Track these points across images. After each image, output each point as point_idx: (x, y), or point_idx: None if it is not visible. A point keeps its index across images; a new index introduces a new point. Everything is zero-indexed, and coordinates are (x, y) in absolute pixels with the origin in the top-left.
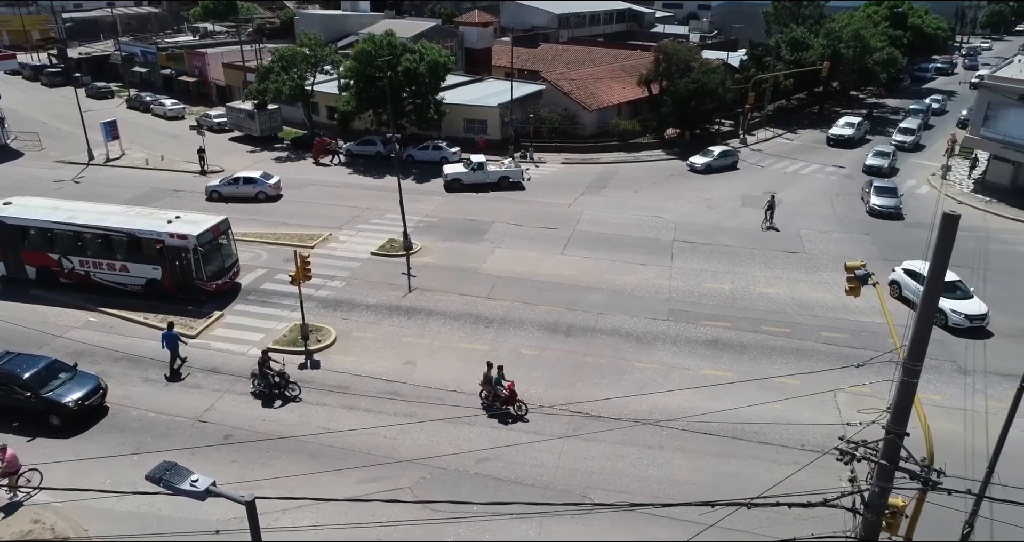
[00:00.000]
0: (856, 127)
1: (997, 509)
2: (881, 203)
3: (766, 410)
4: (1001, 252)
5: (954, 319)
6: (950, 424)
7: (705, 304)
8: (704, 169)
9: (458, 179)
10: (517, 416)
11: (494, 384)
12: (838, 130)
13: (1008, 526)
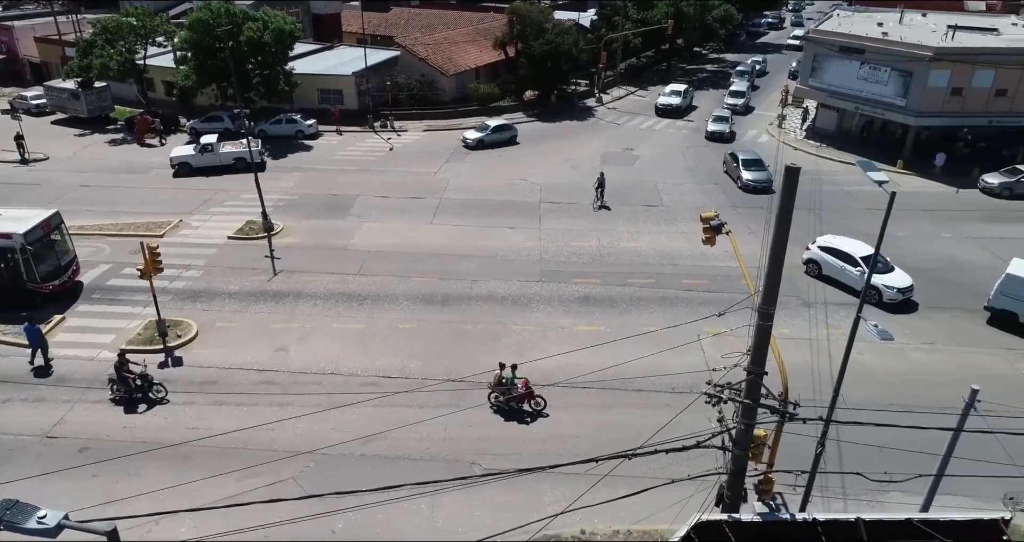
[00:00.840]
0: (683, 95)
1: (844, 430)
2: (753, 178)
3: (638, 360)
4: (833, 192)
5: (888, 294)
6: (798, 353)
7: (574, 262)
8: (475, 145)
9: (186, 163)
10: (536, 412)
11: (508, 383)
12: (665, 99)
13: (852, 445)
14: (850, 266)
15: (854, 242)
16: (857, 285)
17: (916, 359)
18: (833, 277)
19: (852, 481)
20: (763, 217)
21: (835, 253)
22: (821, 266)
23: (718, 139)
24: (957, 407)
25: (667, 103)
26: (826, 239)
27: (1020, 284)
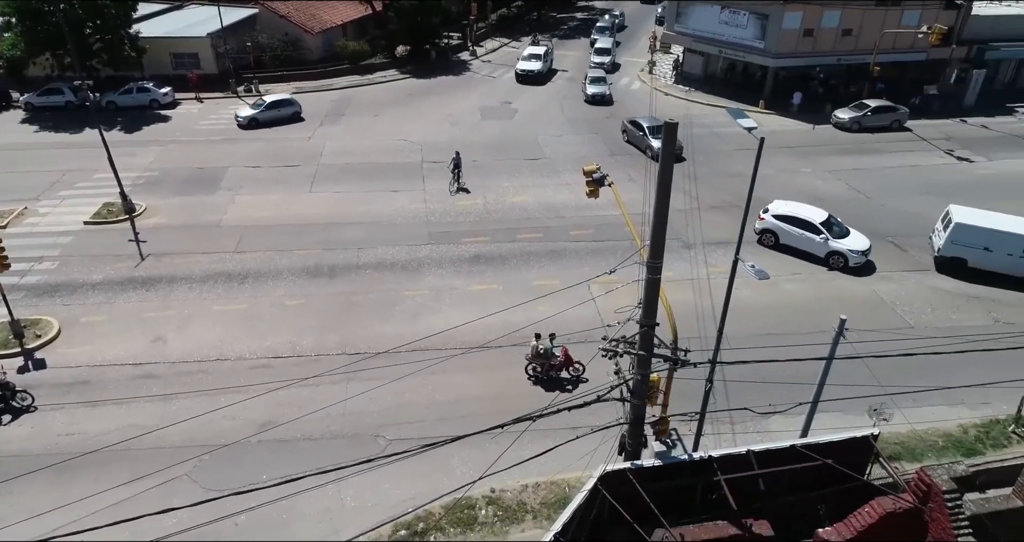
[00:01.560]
0: (543, 59)
1: (729, 370)
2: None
3: (533, 314)
4: (703, 135)
5: (854, 259)
6: (683, 294)
7: (462, 222)
8: (248, 123)
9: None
10: (575, 379)
11: (548, 353)
12: (525, 65)
13: (739, 382)
14: (811, 233)
15: (806, 207)
16: (821, 252)
17: (788, 289)
18: (793, 246)
19: (740, 413)
20: (642, 164)
21: (793, 221)
22: (778, 235)
23: (599, 102)
24: (827, 330)
25: (527, 69)
26: (779, 207)
27: (968, 231)
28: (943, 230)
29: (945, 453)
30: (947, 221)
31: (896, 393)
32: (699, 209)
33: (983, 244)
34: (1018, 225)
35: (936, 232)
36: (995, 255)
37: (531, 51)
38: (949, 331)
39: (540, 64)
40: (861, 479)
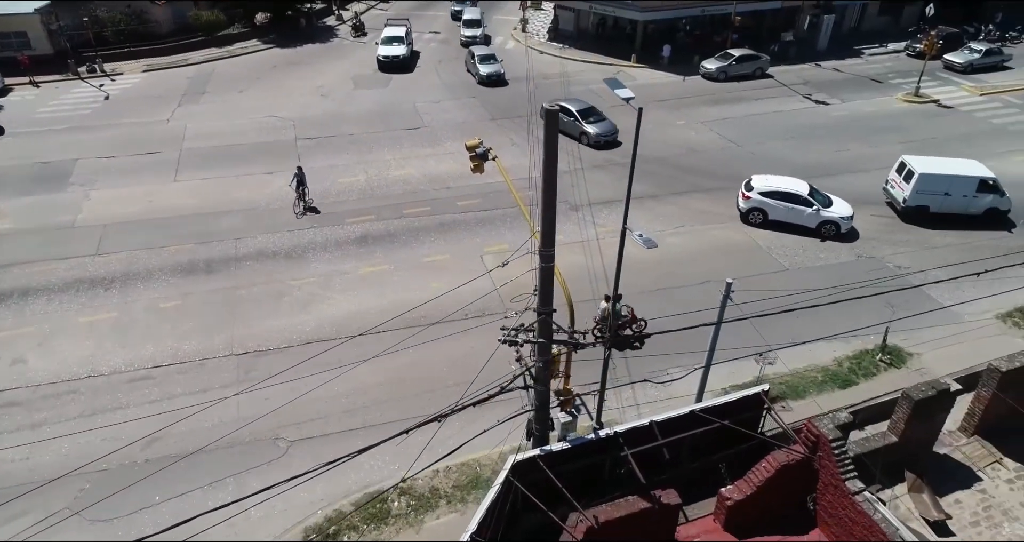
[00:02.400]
0: (405, 41)
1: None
2: (488, 71)
3: (427, 292)
4: (581, 93)
5: (845, 226)
6: (573, 256)
7: (345, 201)
8: None
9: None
10: (638, 335)
11: (619, 315)
12: (387, 50)
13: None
14: (800, 206)
15: (787, 180)
16: (812, 223)
17: (673, 243)
18: (782, 220)
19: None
20: (524, 127)
21: (781, 196)
22: (767, 212)
23: (495, 83)
24: (713, 279)
25: (390, 55)
26: (761, 183)
27: (930, 180)
28: (903, 181)
29: (824, 387)
30: (906, 172)
31: (781, 347)
32: (583, 169)
33: (943, 190)
34: (967, 167)
35: (892, 184)
36: (953, 198)
37: (390, 33)
38: (820, 269)
39: (403, 48)
40: (757, 436)
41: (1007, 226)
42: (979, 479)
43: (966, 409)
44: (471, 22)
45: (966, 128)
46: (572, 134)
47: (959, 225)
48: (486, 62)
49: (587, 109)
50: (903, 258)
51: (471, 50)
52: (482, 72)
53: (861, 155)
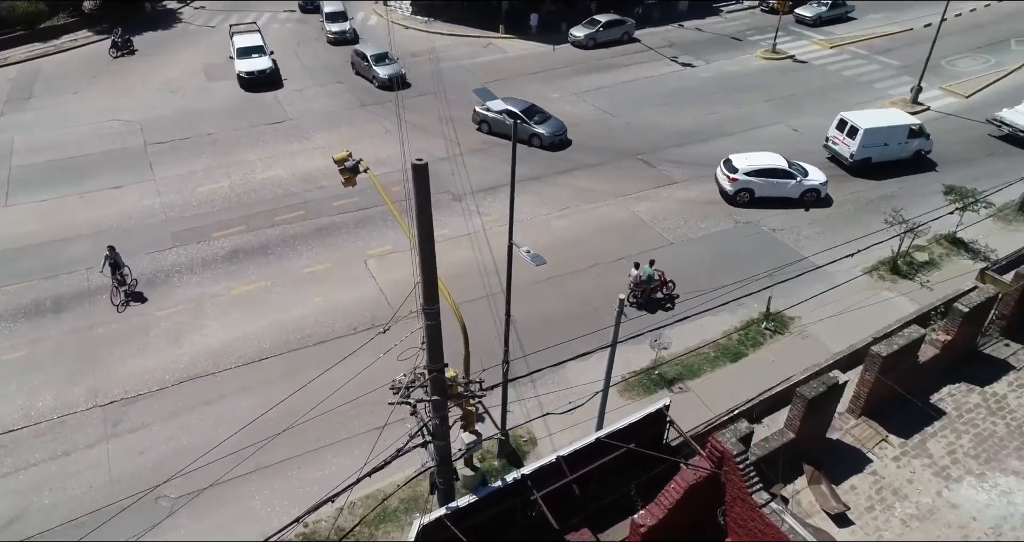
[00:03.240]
0: (264, 51)
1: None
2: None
3: (309, 308)
4: (451, 70)
5: (824, 191)
6: (462, 252)
7: (209, 212)
8: None
9: None
10: (669, 297)
11: (650, 279)
12: (247, 65)
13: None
14: (784, 179)
15: (765, 155)
16: (796, 193)
17: (558, 226)
18: (769, 195)
19: (542, 360)
20: (395, 112)
21: (765, 173)
22: (754, 191)
23: (387, 86)
24: (602, 262)
25: (253, 70)
26: (744, 163)
27: (872, 134)
28: (846, 137)
29: (717, 362)
30: (848, 129)
31: (669, 324)
32: (462, 154)
33: (883, 141)
34: (895, 117)
35: (833, 141)
36: (890, 147)
37: (243, 43)
38: (702, 240)
39: (267, 59)
40: (665, 458)
41: (931, 166)
42: (870, 461)
43: (852, 392)
44: (336, 15)
45: (820, 82)
46: (367, 77)
47: (891, 173)
48: (383, 63)
49: (529, 108)
50: (775, 221)
51: (358, 50)
52: (381, 75)
53: (729, 117)
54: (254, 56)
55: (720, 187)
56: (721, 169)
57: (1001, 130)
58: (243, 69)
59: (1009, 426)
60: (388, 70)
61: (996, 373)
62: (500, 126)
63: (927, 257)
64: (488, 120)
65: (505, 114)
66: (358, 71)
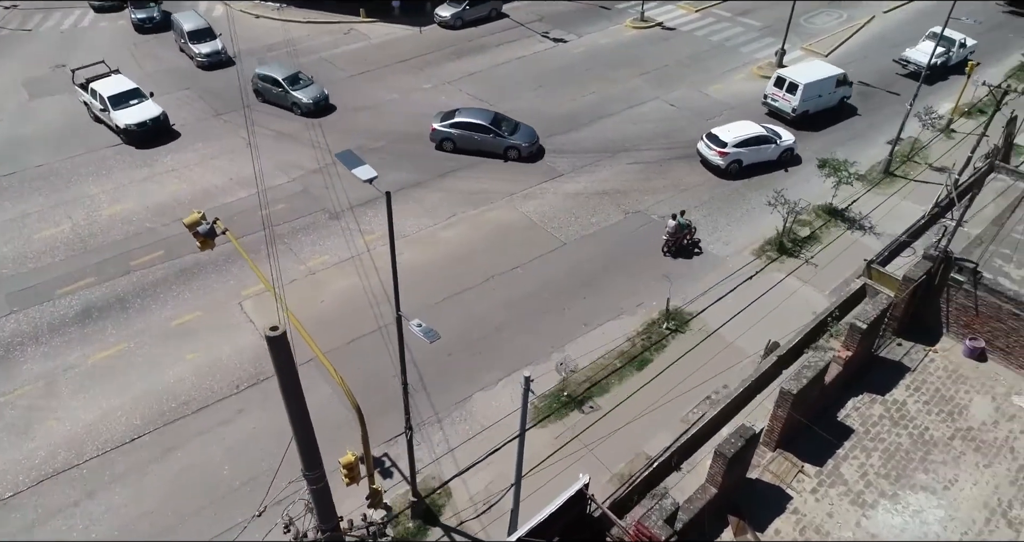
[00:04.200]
0: (143, 93)
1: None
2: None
3: (183, 368)
4: (313, 63)
5: (796, 147)
6: (347, 279)
7: (51, 264)
8: None
9: None
10: (694, 242)
11: (686, 227)
12: (130, 116)
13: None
14: (766, 144)
15: (742, 125)
16: (775, 156)
17: (447, 237)
18: (754, 162)
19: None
20: (260, 120)
21: (752, 142)
22: (742, 160)
23: (217, 64)
24: (498, 272)
25: (142, 120)
26: (730, 135)
27: (811, 87)
28: (786, 93)
29: (625, 373)
30: (787, 85)
31: (574, 338)
32: (335, 163)
33: (818, 93)
34: (823, 69)
35: (772, 97)
36: (823, 98)
37: (115, 89)
38: (594, 236)
39: (152, 103)
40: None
41: (853, 110)
42: (790, 497)
43: (766, 425)
44: (202, 34)
45: (690, 49)
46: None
47: (822, 123)
48: (299, 85)
49: (496, 119)
50: (664, 207)
51: (264, 75)
52: (304, 100)
53: (606, 96)
54: (133, 103)
55: (708, 162)
56: (707, 145)
57: (907, 68)
58: (126, 122)
59: (912, 436)
60: (309, 93)
61: (894, 378)
62: (270, 94)
63: (808, 231)
64: (452, 137)
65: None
66: (267, 98)
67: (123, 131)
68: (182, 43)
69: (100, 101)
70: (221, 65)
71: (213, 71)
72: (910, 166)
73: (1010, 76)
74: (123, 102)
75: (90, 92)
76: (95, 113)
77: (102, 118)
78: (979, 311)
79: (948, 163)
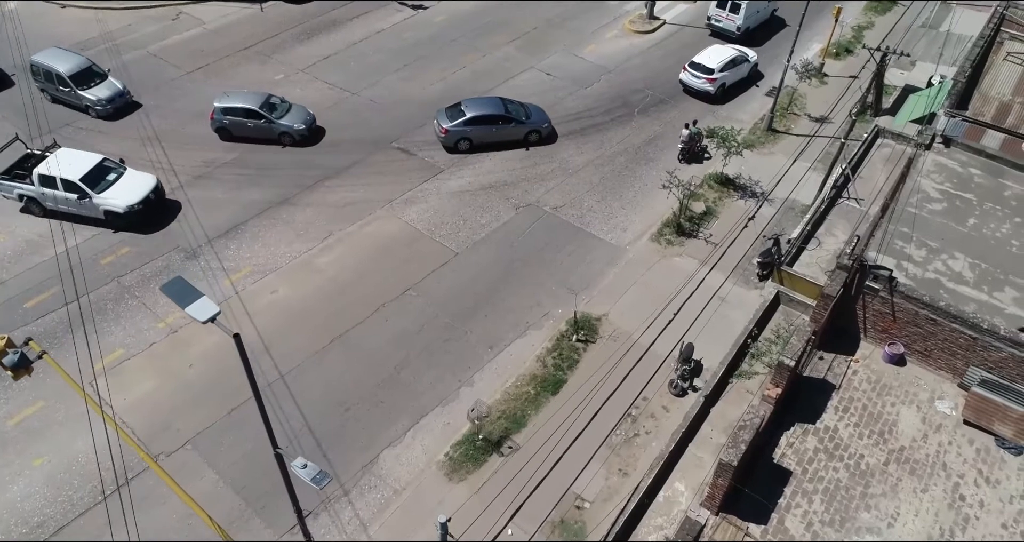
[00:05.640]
0: (119, 166)
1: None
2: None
3: (32, 479)
4: (139, 61)
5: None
6: (216, 332)
7: None
8: None
9: None
10: (703, 148)
11: (699, 135)
12: (122, 196)
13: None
14: (742, 64)
15: (720, 49)
16: (747, 72)
17: (325, 263)
18: (733, 82)
19: None
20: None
21: (730, 64)
22: (726, 83)
23: (300, 140)
24: (386, 301)
25: (135, 202)
26: (714, 61)
27: (751, 6)
28: (729, 13)
29: (540, 401)
30: (730, 6)
31: (484, 365)
32: (183, 187)
33: (756, 10)
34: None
35: (716, 18)
36: (760, 14)
37: (80, 166)
38: (487, 240)
39: (150, 177)
40: None
41: (781, 23)
42: None
43: (706, 492)
44: (85, 75)
45: (559, 6)
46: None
47: None
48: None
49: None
50: (555, 196)
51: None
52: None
53: (478, 70)
54: (111, 177)
55: (693, 90)
56: (694, 74)
57: None
58: (121, 204)
59: (849, 467)
60: (294, 118)
61: (822, 399)
62: (485, 136)
63: (703, 206)
64: (468, 135)
65: (487, 122)
66: (57, 98)
67: (123, 215)
68: (66, 93)
69: (66, 187)
70: (129, 109)
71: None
72: (790, 120)
73: (868, 9)
74: (100, 182)
75: (37, 180)
76: (57, 206)
77: (79, 210)
78: (896, 317)
79: (825, 111)
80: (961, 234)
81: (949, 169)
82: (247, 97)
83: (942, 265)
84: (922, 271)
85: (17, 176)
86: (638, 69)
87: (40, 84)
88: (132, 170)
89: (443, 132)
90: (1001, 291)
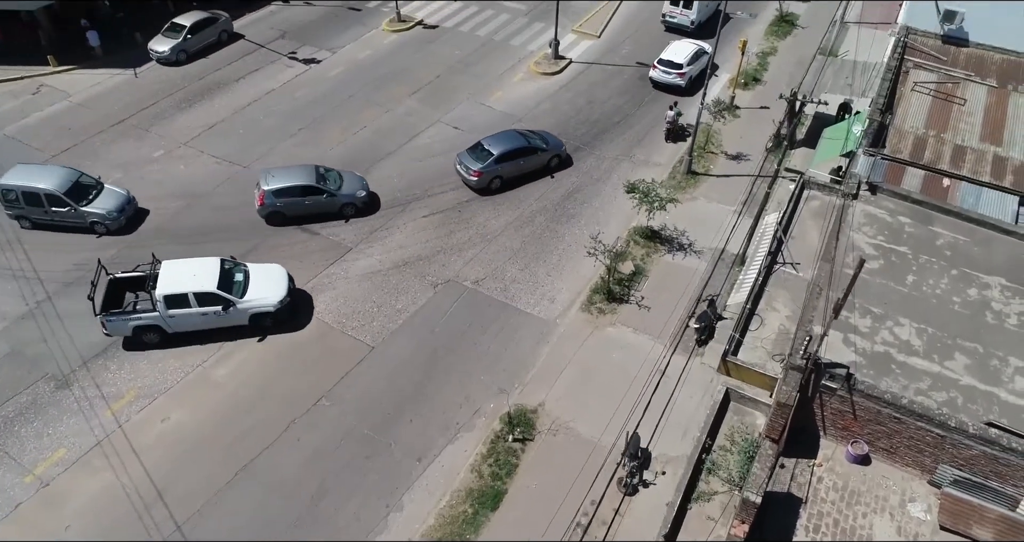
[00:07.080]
0: (242, 270)
1: None
2: (115, 205)
3: None
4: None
5: None
6: (96, 480)
7: None
8: None
9: None
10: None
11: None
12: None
13: None
14: (703, 56)
15: (679, 45)
16: (707, 63)
17: (221, 376)
18: (697, 74)
19: None
20: None
21: (694, 58)
22: (692, 75)
23: None
24: (294, 417)
25: (280, 298)
26: (681, 57)
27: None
28: (683, 9)
29: (479, 520)
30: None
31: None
32: (50, 298)
33: (708, 4)
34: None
35: (670, 15)
36: (708, 7)
37: (171, 284)
38: (405, 327)
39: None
40: None
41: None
42: None
43: None
44: (82, 189)
45: (460, 50)
46: (538, 169)
47: None
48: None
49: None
50: (475, 268)
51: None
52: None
53: (381, 128)
54: (238, 277)
55: (665, 86)
56: (664, 71)
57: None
58: (272, 299)
59: None
60: (352, 186)
61: (790, 519)
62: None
63: (631, 266)
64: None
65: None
66: (312, 213)
67: (275, 312)
68: (62, 213)
69: (202, 302)
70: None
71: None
72: (709, 159)
73: (769, 34)
74: (232, 281)
75: (164, 303)
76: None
77: (226, 324)
78: (857, 415)
79: (741, 147)
80: (902, 295)
81: (880, 220)
82: (297, 173)
83: (889, 334)
84: (871, 345)
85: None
86: (548, 115)
87: (16, 211)
88: (253, 264)
89: (477, 175)
90: (952, 359)
